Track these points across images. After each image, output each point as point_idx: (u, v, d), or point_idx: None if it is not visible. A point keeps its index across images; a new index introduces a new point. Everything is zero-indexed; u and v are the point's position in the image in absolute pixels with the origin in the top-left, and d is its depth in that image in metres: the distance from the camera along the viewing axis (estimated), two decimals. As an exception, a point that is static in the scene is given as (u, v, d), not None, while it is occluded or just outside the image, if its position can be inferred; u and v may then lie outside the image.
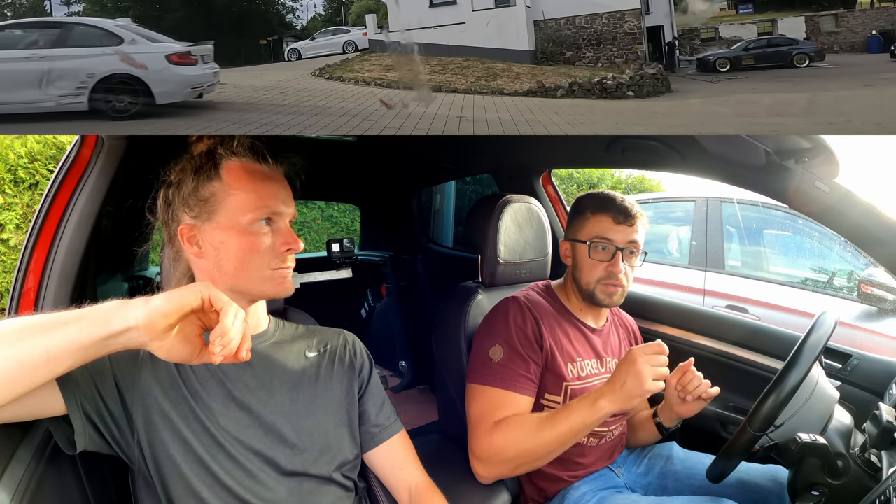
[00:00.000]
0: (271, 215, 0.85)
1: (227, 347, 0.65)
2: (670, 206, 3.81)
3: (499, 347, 1.17)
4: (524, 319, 1.20)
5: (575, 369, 1.22)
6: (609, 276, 1.20)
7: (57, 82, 2.51)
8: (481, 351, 1.20)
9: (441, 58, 5.26)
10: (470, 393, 1.19)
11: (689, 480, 1.24)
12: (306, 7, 7.06)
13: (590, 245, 1.22)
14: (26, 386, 0.63)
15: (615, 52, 5.37)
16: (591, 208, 1.25)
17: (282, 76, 4.94)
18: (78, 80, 2.56)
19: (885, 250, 1.03)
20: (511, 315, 1.20)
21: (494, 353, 1.17)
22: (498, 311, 1.24)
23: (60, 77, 2.52)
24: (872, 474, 0.93)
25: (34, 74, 2.48)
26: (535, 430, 1.07)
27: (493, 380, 1.15)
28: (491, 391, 1.15)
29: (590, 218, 1.24)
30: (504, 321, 1.20)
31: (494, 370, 1.16)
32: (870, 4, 5.66)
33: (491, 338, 1.20)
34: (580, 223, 1.26)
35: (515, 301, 1.23)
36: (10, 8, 5.88)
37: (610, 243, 1.20)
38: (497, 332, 1.20)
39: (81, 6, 6.29)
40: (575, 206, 1.32)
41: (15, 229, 3.58)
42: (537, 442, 1.07)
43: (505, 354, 1.16)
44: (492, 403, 1.14)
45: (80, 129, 2.92)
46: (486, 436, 1.12)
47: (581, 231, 1.25)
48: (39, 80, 2.49)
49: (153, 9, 6.38)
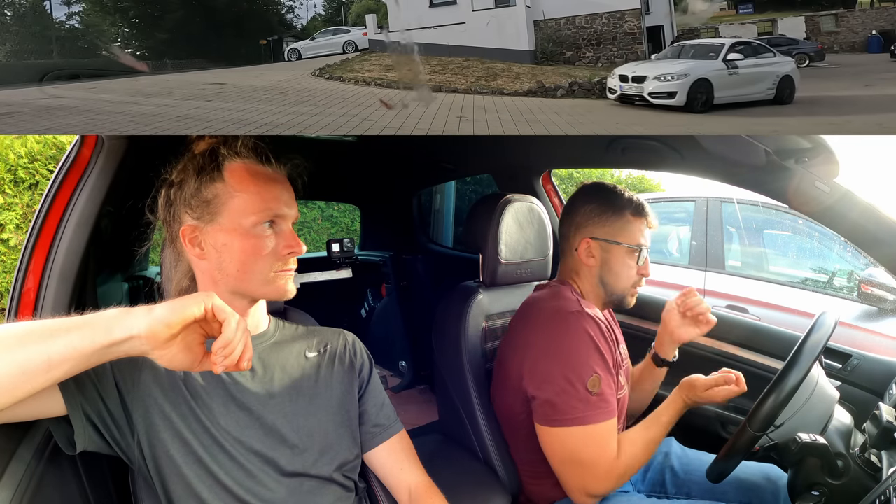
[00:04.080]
0: (274, 218, 0.85)
1: (229, 358, 0.65)
2: (670, 206, 3.81)
3: (597, 377, 1.06)
4: (604, 335, 1.10)
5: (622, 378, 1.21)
6: (641, 278, 1.21)
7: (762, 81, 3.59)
8: (576, 386, 1.05)
9: (441, 58, 5.25)
10: (571, 436, 1.06)
11: (687, 476, 1.25)
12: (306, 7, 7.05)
13: (639, 252, 1.18)
14: (27, 391, 0.63)
15: (615, 52, 5.37)
16: (630, 210, 1.18)
17: (282, 76, 4.94)
18: (770, 81, 3.63)
19: (885, 250, 1.04)
20: (595, 336, 1.09)
21: (593, 385, 1.05)
22: (573, 334, 1.09)
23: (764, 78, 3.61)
24: (872, 474, 0.93)
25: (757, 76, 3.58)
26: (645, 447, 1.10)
27: (600, 414, 1.06)
28: (598, 427, 1.06)
29: (631, 221, 1.18)
30: (592, 345, 1.08)
31: (596, 404, 1.05)
32: (870, 4, 5.65)
33: (586, 368, 1.06)
34: (619, 224, 1.18)
35: (586, 317, 1.11)
36: (10, 8, 5.87)
37: (644, 249, 1.20)
38: (591, 360, 1.07)
39: (81, 6, 6.28)
40: (604, 203, 1.20)
41: (15, 229, 3.57)
42: (647, 455, 1.10)
43: (604, 382, 1.07)
44: (603, 439, 1.06)
45: (80, 129, 2.92)
46: (614, 469, 1.06)
47: (622, 234, 1.17)
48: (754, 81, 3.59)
49: (153, 9, 6.37)
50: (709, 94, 3.40)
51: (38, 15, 5.99)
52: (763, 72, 3.60)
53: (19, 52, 5.65)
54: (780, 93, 3.62)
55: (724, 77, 3.42)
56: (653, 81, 3.43)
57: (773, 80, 3.59)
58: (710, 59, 3.53)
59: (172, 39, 6.25)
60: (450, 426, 1.40)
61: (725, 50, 3.54)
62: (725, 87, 3.43)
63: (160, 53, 6.29)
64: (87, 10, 6.38)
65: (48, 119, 3.24)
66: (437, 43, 5.46)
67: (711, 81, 3.40)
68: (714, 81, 3.41)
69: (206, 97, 3.91)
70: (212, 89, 4.21)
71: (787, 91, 3.66)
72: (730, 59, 3.48)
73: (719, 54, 3.53)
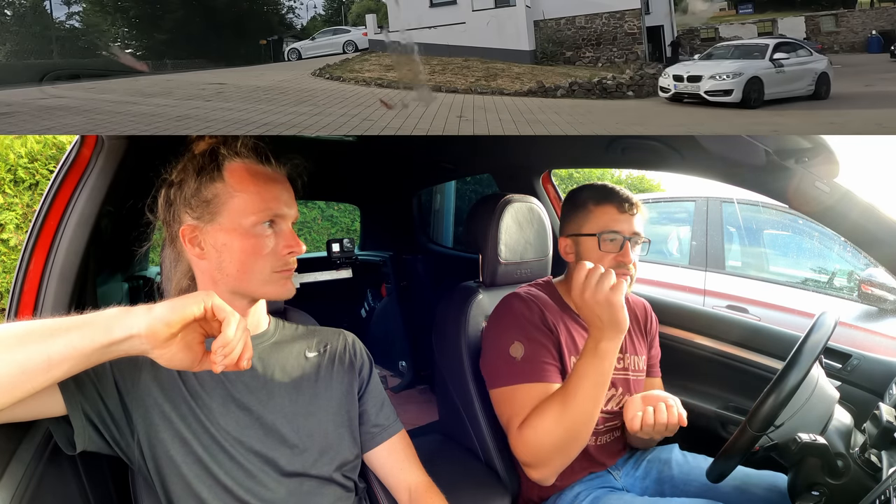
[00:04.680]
0: (274, 218, 0.85)
1: (229, 357, 0.65)
2: (670, 206, 3.81)
3: (519, 344, 1.14)
4: (531, 310, 1.18)
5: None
6: (619, 265, 1.18)
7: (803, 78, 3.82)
8: (499, 352, 1.16)
9: (441, 58, 5.25)
10: (499, 398, 1.16)
11: (686, 486, 1.23)
12: (306, 7, 7.06)
13: (600, 237, 1.19)
14: (27, 390, 0.63)
15: (615, 52, 5.37)
16: (592, 200, 1.24)
17: (282, 76, 4.94)
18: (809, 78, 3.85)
19: (885, 250, 1.04)
20: (517, 308, 1.19)
21: (516, 351, 1.14)
22: (503, 309, 1.22)
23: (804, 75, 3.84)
24: (872, 474, 0.92)
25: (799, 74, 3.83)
26: (560, 410, 1.01)
27: (523, 377, 1.12)
28: (523, 388, 1.11)
29: (593, 210, 1.23)
30: (513, 316, 1.18)
31: (521, 367, 1.13)
32: (870, 4, 5.65)
33: (506, 336, 1.16)
34: (582, 217, 1.24)
35: (517, 296, 1.23)
36: (10, 8, 5.87)
37: (618, 234, 1.19)
38: (511, 329, 1.17)
39: (81, 6, 6.28)
40: (571, 201, 1.29)
41: (15, 229, 3.57)
42: (570, 419, 1.00)
43: (527, 348, 1.13)
44: (524, 401, 1.09)
45: (80, 129, 2.92)
46: (519, 436, 1.07)
47: (585, 224, 1.23)
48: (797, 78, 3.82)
49: (153, 9, 6.37)
50: (760, 91, 3.62)
51: (38, 15, 5.99)
52: (804, 69, 3.82)
53: (19, 52, 5.66)
54: (819, 88, 3.84)
55: (773, 75, 3.65)
56: (709, 80, 3.62)
57: (812, 77, 3.81)
58: (755, 58, 3.72)
59: (172, 39, 6.25)
60: (450, 426, 1.40)
61: (771, 49, 3.76)
62: (773, 84, 3.66)
63: (160, 53, 6.29)
64: (87, 10, 6.38)
65: (48, 119, 3.24)
66: (437, 43, 5.46)
67: (762, 79, 3.63)
68: (764, 79, 3.63)
69: (206, 97, 3.91)
70: (212, 89, 4.21)
71: (824, 87, 3.88)
72: (776, 58, 3.70)
73: (765, 54, 3.74)
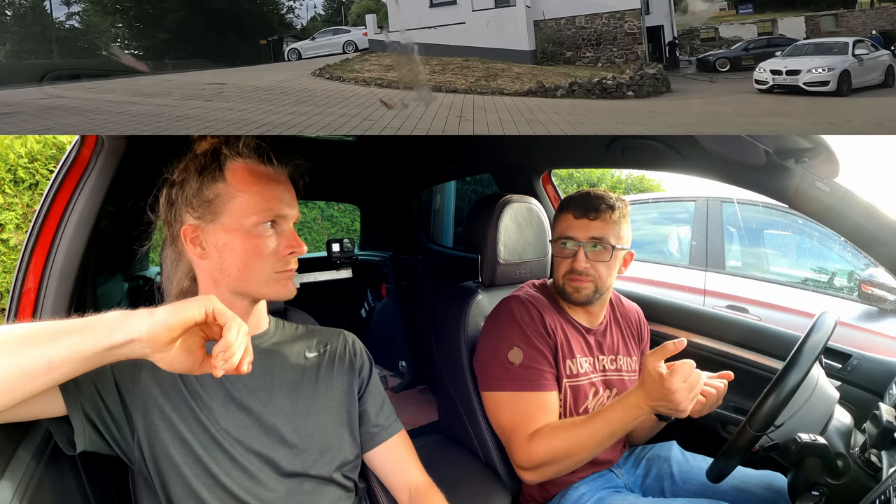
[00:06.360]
0: (276, 218, 0.85)
1: (230, 361, 0.65)
2: (670, 206, 3.81)
3: (518, 350, 1.16)
4: (531, 315, 1.20)
5: (574, 366, 1.22)
6: (572, 271, 1.22)
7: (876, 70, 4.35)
8: (497, 356, 1.18)
9: (441, 58, 5.25)
10: (495, 401, 1.18)
11: (685, 486, 1.24)
12: (306, 7, 7.05)
13: (554, 243, 1.27)
14: (27, 393, 0.63)
15: (615, 52, 5.36)
16: (560, 208, 1.30)
17: (282, 76, 4.94)
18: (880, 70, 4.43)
19: (885, 250, 1.03)
20: (518, 313, 1.20)
21: (514, 357, 1.16)
22: (503, 312, 1.23)
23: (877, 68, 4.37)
24: (872, 474, 0.92)
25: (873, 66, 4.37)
26: (575, 438, 1.07)
27: (520, 384, 1.14)
28: (521, 396, 1.14)
29: (558, 217, 1.29)
30: (514, 321, 1.20)
31: (519, 374, 1.15)
32: (870, 4, 5.65)
33: (506, 341, 1.18)
34: (554, 223, 1.31)
35: (517, 299, 1.24)
36: (10, 8, 5.86)
37: (571, 240, 1.23)
38: (510, 334, 1.19)
39: (81, 6, 6.28)
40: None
41: (15, 229, 3.57)
42: (579, 448, 1.07)
43: (526, 355, 1.15)
44: (525, 409, 1.13)
45: (80, 129, 2.92)
46: (526, 446, 1.11)
47: (553, 231, 1.30)
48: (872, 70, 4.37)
49: (154, 9, 6.36)
50: (849, 82, 4.24)
51: (38, 15, 5.98)
52: (876, 63, 4.46)
53: (19, 52, 5.66)
54: (887, 78, 4.49)
55: (857, 68, 4.25)
56: (807, 73, 4.24)
57: (882, 69, 4.45)
58: (836, 54, 4.34)
59: (172, 39, 6.24)
60: (450, 426, 1.40)
61: (851, 46, 4.39)
62: (857, 75, 4.27)
63: (160, 53, 6.29)
64: (87, 10, 6.37)
65: (48, 119, 3.24)
66: (437, 43, 5.46)
67: (850, 72, 4.23)
68: (852, 72, 4.23)
69: (206, 97, 3.91)
70: (212, 89, 4.21)
71: (890, 77, 4.53)
72: (857, 53, 4.31)
73: (846, 50, 4.36)
